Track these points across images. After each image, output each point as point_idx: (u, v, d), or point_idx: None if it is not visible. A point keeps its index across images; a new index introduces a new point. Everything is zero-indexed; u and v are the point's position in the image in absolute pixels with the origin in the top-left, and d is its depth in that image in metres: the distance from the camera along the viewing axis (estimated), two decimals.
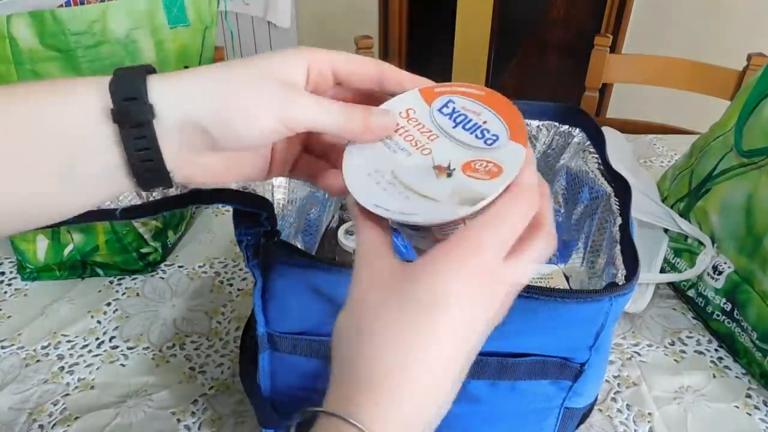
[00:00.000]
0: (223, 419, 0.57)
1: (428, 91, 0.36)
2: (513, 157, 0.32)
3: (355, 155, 0.34)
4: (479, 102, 0.35)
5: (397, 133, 0.34)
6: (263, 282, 0.44)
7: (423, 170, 0.32)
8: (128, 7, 0.64)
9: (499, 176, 0.31)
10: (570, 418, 0.49)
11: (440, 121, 0.34)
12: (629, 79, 1.45)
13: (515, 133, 0.33)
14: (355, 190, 0.32)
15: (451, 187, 0.31)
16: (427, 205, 0.31)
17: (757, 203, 0.63)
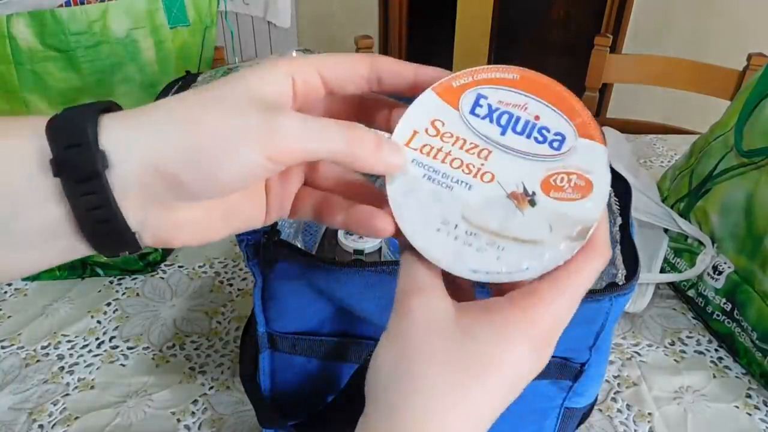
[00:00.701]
0: (223, 419, 0.57)
1: (446, 88, 0.28)
2: (594, 160, 0.26)
3: (404, 204, 0.27)
4: (517, 90, 0.28)
5: (437, 159, 0.27)
6: (263, 282, 0.44)
7: (498, 204, 0.26)
8: (128, 6, 0.64)
9: (591, 191, 0.26)
10: (570, 418, 0.49)
11: (481, 128, 0.27)
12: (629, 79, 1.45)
13: (582, 126, 0.27)
14: (437, 255, 0.26)
15: (542, 218, 0.26)
16: (529, 251, 0.25)
17: (757, 203, 0.63)
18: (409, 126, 0.28)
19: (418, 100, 0.28)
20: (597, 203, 0.26)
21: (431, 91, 0.28)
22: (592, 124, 0.27)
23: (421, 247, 0.26)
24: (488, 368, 0.25)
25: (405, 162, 0.27)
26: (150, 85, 0.69)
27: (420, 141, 0.28)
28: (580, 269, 0.26)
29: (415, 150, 0.27)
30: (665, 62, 1.35)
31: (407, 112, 0.28)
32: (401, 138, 0.28)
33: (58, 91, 0.63)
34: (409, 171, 0.27)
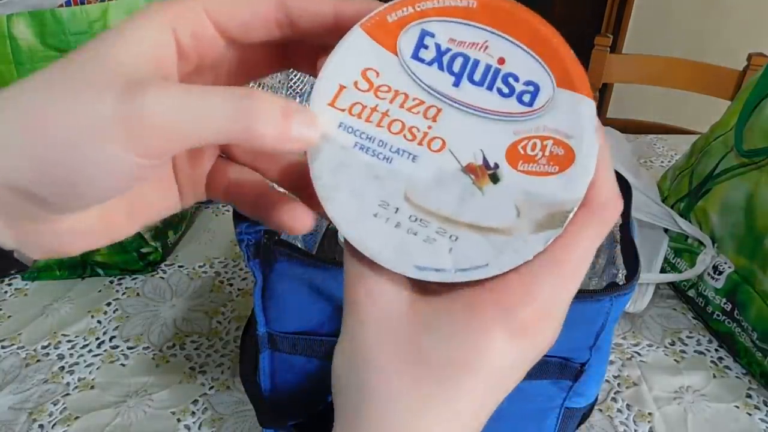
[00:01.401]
0: (223, 419, 0.57)
1: (378, 24, 0.21)
2: (577, 119, 0.20)
3: (331, 184, 0.21)
4: (474, 23, 0.21)
5: (371, 122, 0.21)
6: (263, 281, 0.44)
7: (451, 181, 0.21)
8: (129, 6, 0.64)
9: (572, 163, 0.20)
10: (570, 418, 0.49)
11: (427, 78, 0.21)
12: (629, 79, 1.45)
13: (562, 71, 0.20)
14: (374, 247, 0.21)
15: (507, 199, 0.20)
16: (490, 242, 0.20)
17: (757, 203, 0.63)
18: (334, 79, 0.21)
19: (342, 44, 0.21)
20: (579, 180, 0.20)
21: (360, 29, 0.21)
22: (576, 70, 0.20)
23: (354, 238, 0.21)
24: (459, 367, 0.21)
25: (321, 135, 0.21)
26: None
27: (348, 99, 0.21)
28: (572, 238, 0.21)
29: (342, 111, 0.21)
30: (665, 62, 1.35)
31: (329, 60, 0.21)
32: (324, 95, 0.21)
33: None
34: (337, 140, 0.21)
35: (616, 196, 0.21)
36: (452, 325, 0.21)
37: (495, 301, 0.21)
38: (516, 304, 0.20)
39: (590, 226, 0.21)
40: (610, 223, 0.21)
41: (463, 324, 0.21)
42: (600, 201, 0.21)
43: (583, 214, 0.21)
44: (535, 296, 0.20)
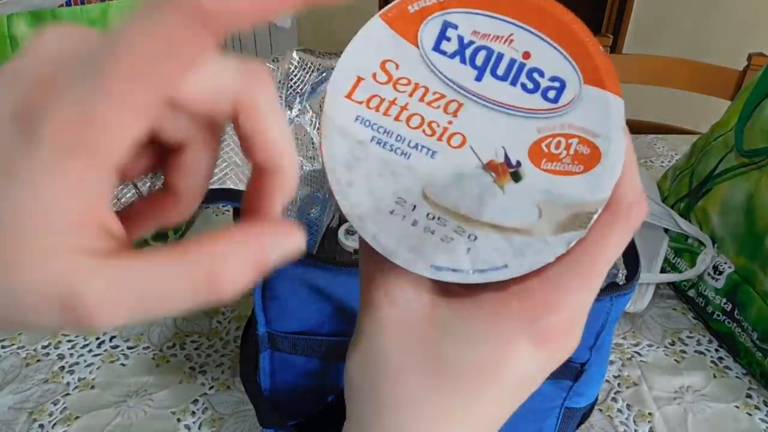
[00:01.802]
0: (223, 419, 0.57)
1: (399, 14, 0.20)
2: (605, 118, 0.19)
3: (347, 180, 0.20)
4: (499, 15, 0.20)
5: (390, 115, 0.20)
6: (263, 281, 0.44)
7: (470, 178, 0.20)
8: (129, 6, 0.64)
9: (598, 163, 0.19)
10: (570, 418, 0.49)
11: (449, 71, 0.20)
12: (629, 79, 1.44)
13: (590, 68, 0.19)
14: (390, 246, 0.20)
15: (529, 198, 0.19)
16: (509, 243, 0.19)
17: (757, 203, 0.63)
18: (352, 70, 0.20)
19: (361, 34, 0.20)
20: (605, 180, 0.19)
21: (379, 18, 0.20)
22: (605, 66, 0.19)
23: (368, 236, 0.20)
24: (480, 374, 0.20)
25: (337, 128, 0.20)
26: None
27: (366, 91, 0.20)
28: (597, 243, 0.20)
29: (359, 103, 0.20)
30: (665, 62, 1.35)
31: (347, 50, 0.20)
32: (341, 87, 0.20)
33: None
34: (353, 133, 0.20)
35: (641, 198, 0.20)
36: (475, 331, 0.20)
37: (520, 309, 0.20)
38: (540, 313, 0.20)
39: (615, 229, 0.20)
40: (636, 226, 0.20)
41: (487, 331, 0.20)
42: (626, 202, 0.20)
43: (608, 216, 0.20)
44: (562, 305, 0.20)
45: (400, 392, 0.20)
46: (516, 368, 0.20)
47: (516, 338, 0.20)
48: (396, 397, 0.20)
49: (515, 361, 0.20)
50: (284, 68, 0.57)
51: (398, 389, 0.20)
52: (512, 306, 0.20)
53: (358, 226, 0.20)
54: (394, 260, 0.20)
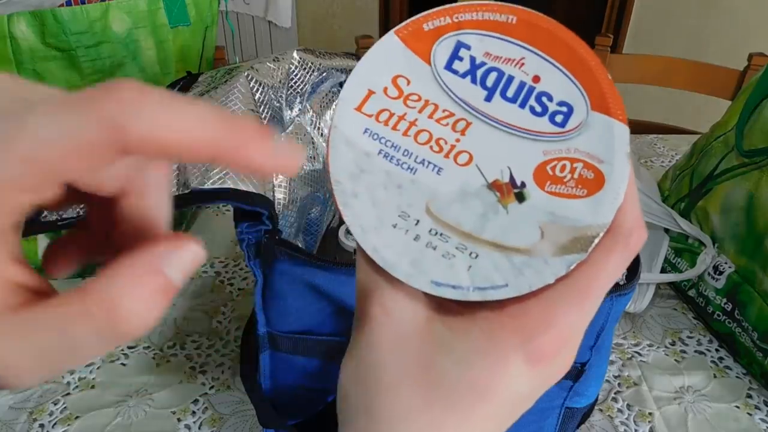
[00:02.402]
0: (223, 419, 0.57)
1: (414, 32, 0.21)
2: (610, 144, 0.20)
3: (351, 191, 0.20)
4: (512, 38, 0.20)
5: (398, 130, 0.20)
6: (264, 281, 0.44)
7: (475, 197, 0.20)
8: (129, 6, 0.64)
9: (602, 188, 0.20)
10: (570, 418, 0.49)
11: (460, 90, 0.20)
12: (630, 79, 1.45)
13: (598, 94, 0.20)
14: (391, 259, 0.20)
15: (532, 219, 0.20)
16: (510, 262, 0.20)
17: (758, 203, 0.63)
18: (364, 83, 0.21)
19: (375, 48, 0.21)
20: (607, 205, 0.19)
21: (394, 34, 0.21)
22: (612, 93, 0.20)
23: (369, 248, 0.20)
24: (473, 392, 0.20)
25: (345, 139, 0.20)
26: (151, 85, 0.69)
27: (376, 105, 0.21)
28: (596, 265, 0.20)
29: (369, 116, 0.21)
30: (666, 62, 1.35)
31: (360, 63, 0.21)
32: (351, 99, 0.21)
33: None
34: (360, 145, 0.21)
35: (641, 226, 0.21)
36: (469, 348, 0.20)
37: (514, 328, 0.20)
38: (535, 332, 0.20)
39: (615, 255, 0.20)
40: (634, 252, 0.21)
41: (481, 348, 0.20)
42: (626, 228, 0.20)
43: (608, 240, 0.20)
44: (555, 325, 0.20)
45: (393, 406, 0.20)
46: (509, 386, 0.20)
47: (509, 356, 0.20)
48: (388, 412, 0.20)
49: (508, 379, 0.20)
50: (285, 68, 0.57)
51: (391, 403, 0.20)
52: (507, 324, 0.20)
53: (360, 238, 0.20)
54: (394, 273, 0.20)
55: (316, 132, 0.63)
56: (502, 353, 0.20)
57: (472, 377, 0.20)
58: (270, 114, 0.54)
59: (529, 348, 0.20)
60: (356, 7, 2.53)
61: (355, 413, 0.21)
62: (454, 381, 0.20)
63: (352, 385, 0.22)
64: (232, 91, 0.49)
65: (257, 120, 0.18)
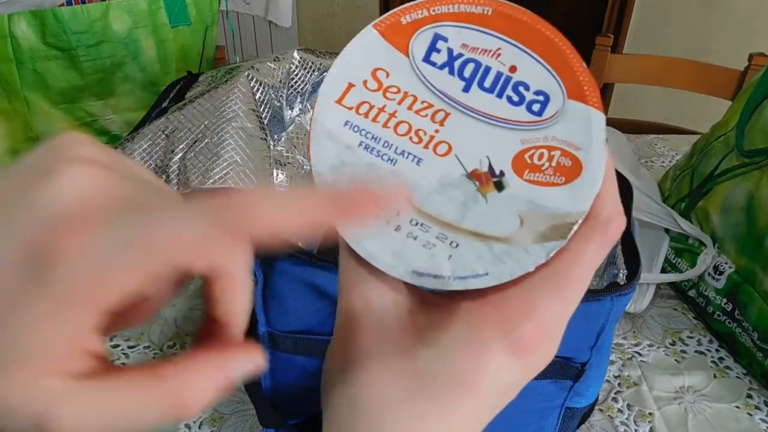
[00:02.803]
0: (223, 418, 0.57)
1: (392, 26, 0.21)
2: (586, 131, 0.20)
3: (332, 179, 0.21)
4: (488, 30, 0.20)
5: (378, 122, 0.21)
6: (264, 281, 0.44)
7: (454, 186, 0.20)
8: (129, 6, 0.64)
9: (579, 175, 0.20)
10: (571, 418, 0.49)
11: (438, 81, 0.21)
12: (630, 79, 1.45)
13: (574, 83, 0.20)
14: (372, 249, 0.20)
15: (511, 207, 0.20)
16: (490, 251, 0.20)
17: (758, 203, 0.63)
18: (343, 76, 0.21)
19: (354, 42, 0.21)
20: (585, 192, 0.19)
21: (372, 28, 0.21)
22: (588, 82, 0.20)
23: (351, 239, 0.20)
24: (455, 382, 0.20)
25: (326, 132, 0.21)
26: (151, 84, 0.69)
27: (356, 97, 0.21)
28: (575, 253, 0.20)
29: (349, 109, 0.21)
30: (666, 62, 1.35)
31: (340, 57, 0.21)
32: (332, 92, 0.21)
33: (59, 90, 0.63)
34: (341, 138, 0.21)
35: (619, 213, 0.21)
36: (450, 339, 0.20)
37: (496, 318, 0.20)
38: (517, 322, 0.20)
39: (593, 241, 0.20)
40: (613, 239, 0.21)
41: (462, 339, 0.20)
42: (604, 215, 0.20)
43: (586, 228, 0.20)
44: (537, 314, 0.20)
45: (376, 398, 0.20)
46: (490, 376, 0.20)
47: (491, 346, 0.20)
48: (371, 403, 0.21)
49: (490, 370, 0.20)
50: (285, 67, 0.57)
51: (374, 395, 0.20)
52: (488, 314, 0.20)
53: (341, 230, 0.21)
54: (376, 264, 0.20)
55: None
56: (483, 344, 0.20)
57: (454, 368, 0.20)
58: (270, 113, 0.54)
59: (510, 338, 0.20)
60: (356, 7, 2.53)
61: (339, 404, 0.21)
62: (436, 372, 0.20)
63: (336, 377, 0.22)
64: (233, 91, 0.49)
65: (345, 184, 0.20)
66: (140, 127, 0.48)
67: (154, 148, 0.45)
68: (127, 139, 0.47)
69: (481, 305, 0.20)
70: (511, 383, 0.21)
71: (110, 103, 0.67)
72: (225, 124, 0.46)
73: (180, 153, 0.44)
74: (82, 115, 0.66)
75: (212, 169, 0.42)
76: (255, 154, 0.45)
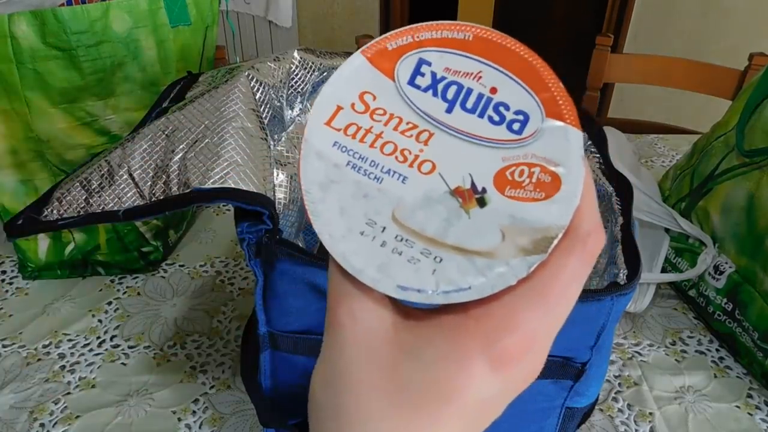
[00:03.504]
0: (224, 418, 0.57)
1: (379, 52, 0.22)
2: (565, 149, 0.21)
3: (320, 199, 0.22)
4: (469, 54, 0.22)
5: (365, 142, 0.22)
6: (264, 281, 0.44)
7: (438, 203, 0.21)
8: (129, 6, 0.64)
9: (558, 190, 0.20)
10: (571, 418, 0.49)
11: (422, 103, 0.22)
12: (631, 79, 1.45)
13: (551, 102, 0.21)
14: (358, 264, 0.21)
15: (493, 223, 0.21)
16: (473, 265, 0.20)
17: (758, 203, 0.63)
18: (333, 99, 0.22)
19: (344, 67, 0.22)
20: (565, 206, 0.20)
21: (360, 54, 0.22)
22: (565, 101, 0.21)
23: (338, 254, 0.21)
24: (438, 396, 0.20)
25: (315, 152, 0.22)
26: (151, 84, 0.69)
27: (344, 119, 0.22)
28: (555, 266, 0.20)
29: (337, 130, 0.22)
30: (666, 62, 1.35)
31: (330, 81, 0.22)
32: (321, 114, 0.22)
33: (60, 90, 0.63)
34: (330, 157, 0.22)
35: (598, 227, 0.21)
36: (433, 352, 0.21)
37: (476, 331, 0.20)
38: (498, 335, 0.20)
39: (573, 256, 0.20)
40: (594, 253, 0.21)
41: (445, 353, 0.20)
42: (584, 229, 0.21)
43: (566, 241, 0.21)
44: (517, 326, 0.20)
45: (361, 411, 0.21)
46: (474, 391, 0.20)
47: (473, 360, 0.20)
48: (356, 416, 0.21)
49: (472, 384, 0.20)
50: (285, 67, 0.57)
51: (359, 408, 0.21)
52: (470, 328, 0.20)
53: (329, 245, 0.21)
54: (361, 279, 0.21)
55: None
56: (465, 357, 0.20)
57: (437, 382, 0.20)
58: (271, 114, 0.54)
59: (492, 351, 0.20)
60: (356, 7, 2.53)
61: (325, 417, 0.22)
62: (419, 386, 0.20)
63: (322, 389, 0.22)
64: (233, 91, 0.49)
65: None
66: (140, 127, 0.48)
67: (154, 148, 0.45)
68: (127, 139, 0.47)
69: (463, 319, 0.21)
70: (495, 396, 0.21)
71: (110, 103, 0.67)
72: (225, 124, 0.46)
73: (180, 153, 0.44)
74: (82, 115, 0.66)
75: (212, 169, 0.42)
76: (255, 154, 0.45)
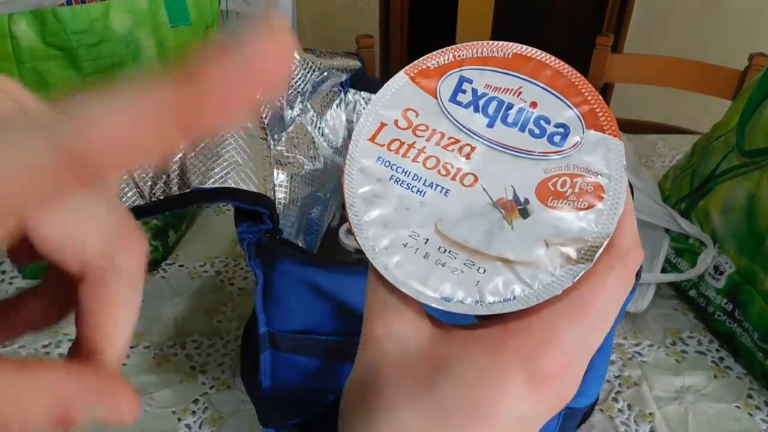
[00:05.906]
0: (223, 418, 0.57)
1: (421, 71, 0.23)
2: (606, 158, 0.21)
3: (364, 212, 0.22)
4: (509, 71, 0.22)
5: (408, 157, 0.22)
6: (264, 281, 0.44)
7: (481, 215, 0.21)
8: (130, 5, 0.64)
9: (601, 199, 0.21)
10: (571, 418, 0.49)
11: (464, 119, 0.22)
12: (631, 79, 1.45)
13: (591, 115, 0.21)
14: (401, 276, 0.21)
15: (536, 233, 0.21)
16: (517, 275, 0.20)
17: (758, 203, 0.63)
18: (376, 116, 0.23)
19: (387, 86, 0.23)
20: (608, 215, 0.20)
21: (403, 74, 0.23)
22: (605, 113, 0.21)
23: (381, 266, 0.21)
24: (473, 413, 0.20)
25: (359, 167, 0.23)
26: None
27: (388, 135, 0.23)
28: (595, 281, 0.20)
29: (381, 146, 0.23)
30: (667, 62, 1.35)
31: (373, 100, 0.23)
32: (365, 131, 0.23)
33: (59, 90, 0.63)
34: (373, 172, 0.22)
35: (636, 245, 0.21)
36: (470, 369, 0.20)
37: (516, 347, 0.20)
38: (537, 352, 0.20)
39: (612, 271, 0.20)
40: (633, 270, 0.21)
41: (482, 370, 0.20)
42: (624, 246, 0.21)
43: (606, 258, 0.21)
44: (557, 343, 0.20)
45: (393, 426, 0.20)
46: (510, 409, 0.20)
47: (510, 377, 0.20)
48: (389, 430, 0.20)
49: (509, 402, 0.20)
50: None
51: (391, 423, 0.20)
52: (509, 344, 0.20)
53: (372, 257, 0.22)
54: (405, 290, 0.21)
55: (316, 132, 0.63)
56: (503, 375, 0.20)
57: (473, 399, 0.20)
58: (270, 113, 0.54)
59: (530, 369, 0.20)
60: (356, 7, 2.53)
61: (357, 430, 0.21)
62: (454, 402, 0.20)
63: (355, 403, 0.22)
64: None
65: None
66: None
67: None
68: None
69: (502, 334, 0.20)
70: (530, 416, 0.20)
71: None
72: None
73: (180, 153, 0.44)
74: None
75: (212, 169, 0.42)
76: (255, 154, 0.45)
